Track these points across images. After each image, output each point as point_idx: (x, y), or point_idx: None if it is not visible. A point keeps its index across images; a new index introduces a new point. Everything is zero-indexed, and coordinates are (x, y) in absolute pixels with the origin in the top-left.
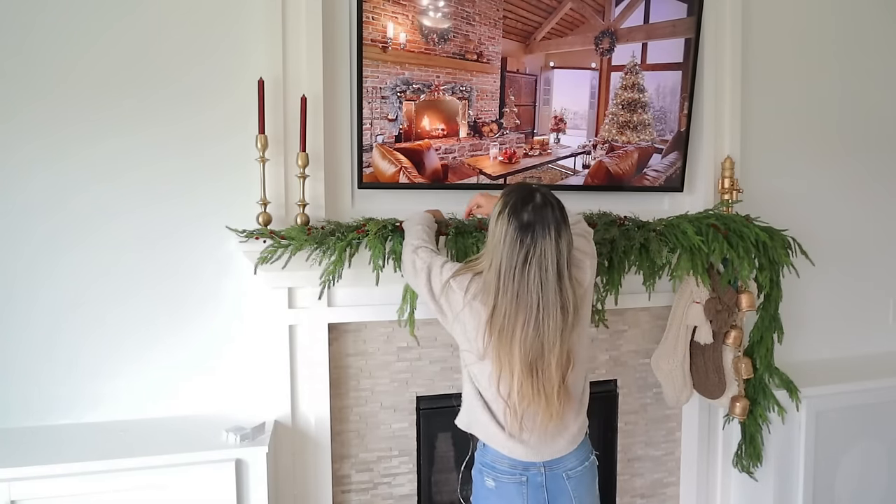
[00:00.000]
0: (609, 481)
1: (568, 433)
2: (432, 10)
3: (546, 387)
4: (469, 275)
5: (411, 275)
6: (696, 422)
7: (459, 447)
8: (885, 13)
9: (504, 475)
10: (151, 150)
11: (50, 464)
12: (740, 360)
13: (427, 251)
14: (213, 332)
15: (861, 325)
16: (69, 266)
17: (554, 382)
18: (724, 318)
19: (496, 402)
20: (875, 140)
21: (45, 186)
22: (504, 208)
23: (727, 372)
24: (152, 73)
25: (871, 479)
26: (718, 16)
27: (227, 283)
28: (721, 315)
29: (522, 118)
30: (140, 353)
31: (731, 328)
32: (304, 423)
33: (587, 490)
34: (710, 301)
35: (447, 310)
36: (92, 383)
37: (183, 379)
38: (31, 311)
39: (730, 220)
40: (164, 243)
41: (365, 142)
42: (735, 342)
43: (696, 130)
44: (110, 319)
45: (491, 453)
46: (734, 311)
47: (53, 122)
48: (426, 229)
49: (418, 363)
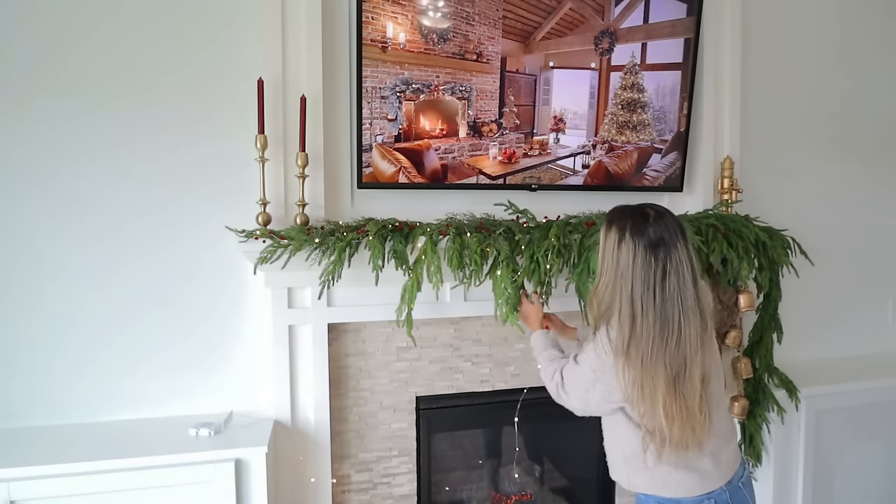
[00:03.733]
0: (609, 481)
1: (734, 448)
2: (432, 10)
3: (689, 399)
4: (603, 330)
5: (564, 397)
6: None
7: (459, 447)
8: (884, 13)
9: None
10: (151, 150)
11: (50, 464)
12: (740, 360)
13: (560, 371)
14: (212, 331)
15: (861, 325)
16: (69, 267)
17: (696, 393)
18: (723, 317)
19: (645, 430)
20: (875, 140)
21: (46, 188)
22: (623, 232)
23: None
24: (151, 73)
25: (870, 479)
26: (718, 16)
27: (227, 284)
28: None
29: (522, 118)
30: (139, 353)
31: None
32: (304, 423)
33: (753, 492)
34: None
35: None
36: (92, 384)
37: (182, 379)
38: (33, 313)
39: (729, 220)
40: (164, 244)
41: (364, 142)
42: (734, 342)
43: (695, 130)
44: (110, 320)
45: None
46: (733, 310)
47: (53, 122)
48: (549, 350)
49: (418, 363)
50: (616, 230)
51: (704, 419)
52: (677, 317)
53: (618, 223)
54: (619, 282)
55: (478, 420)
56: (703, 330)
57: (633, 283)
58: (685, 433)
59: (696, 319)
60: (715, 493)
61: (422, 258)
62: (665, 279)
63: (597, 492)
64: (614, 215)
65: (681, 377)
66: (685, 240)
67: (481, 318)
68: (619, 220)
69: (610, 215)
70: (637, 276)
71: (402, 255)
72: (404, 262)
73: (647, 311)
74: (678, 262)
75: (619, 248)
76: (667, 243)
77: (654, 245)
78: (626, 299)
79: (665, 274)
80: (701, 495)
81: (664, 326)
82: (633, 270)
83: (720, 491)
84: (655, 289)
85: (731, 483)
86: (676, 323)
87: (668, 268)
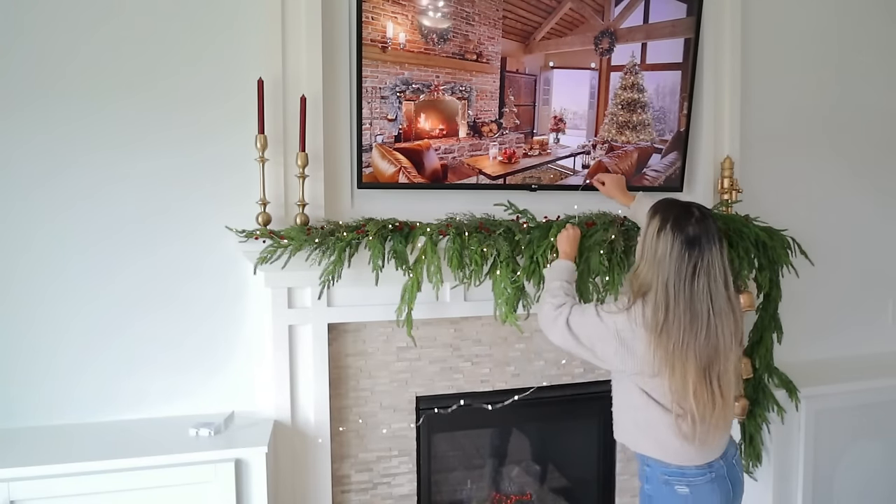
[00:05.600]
0: (609, 481)
1: (729, 426)
2: (432, 10)
3: (724, 390)
4: (640, 304)
5: (551, 327)
6: None
7: (459, 447)
8: (884, 13)
9: (696, 477)
10: (151, 151)
11: (50, 464)
12: (740, 360)
13: (571, 308)
14: (212, 332)
15: (861, 325)
16: (70, 267)
17: (731, 385)
18: None
19: (675, 414)
20: (875, 140)
21: (46, 189)
22: (665, 224)
23: None
24: (151, 73)
25: (870, 479)
26: (718, 16)
27: (227, 284)
28: None
29: (522, 118)
30: (140, 353)
31: None
32: (304, 423)
33: (742, 470)
34: None
35: (620, 341)
36: (92, 383)
37: (183, 379)
38: (34, 312)
39: (729, 220)
40: (164, 244)
41: (364, 142)
42: None
43: (695, 130)
44: (110, 320)
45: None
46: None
47: (53, 123)
48: (564, 283)
49: (418, 363)
50: (659, 220)
51: (731, 410)
52: (706, 313)
53: (662, 214)
54: (656, 268)
55: (478, 420)
56: (737, 329)
57: (669, 272)
58: (715, 417)
59: (731, 318)
60: (714, 464)
61: (422, 258)
62: (695, 277)
63: (597, 492)
64: (661, 206)
65: (713, 367)
66: (721, 246)
67: (481, 318)
68: (664, 212)
69: (657, 205)
70: (672, 268)
71: (402, 255)
72: (404, 262)
73: (678, 300)
74: (709, 264)
75: (658, 237)
76: (702, 244)
77: (690, 242)
78: (661, 286)
79: (696, 272)
80: (702, 465)
81: (694, 319)
82: (668, 261)
83: (718, 464)
84: (685, 283)
85: (727, 458)
86: (706, 318)
87: (700, 267)
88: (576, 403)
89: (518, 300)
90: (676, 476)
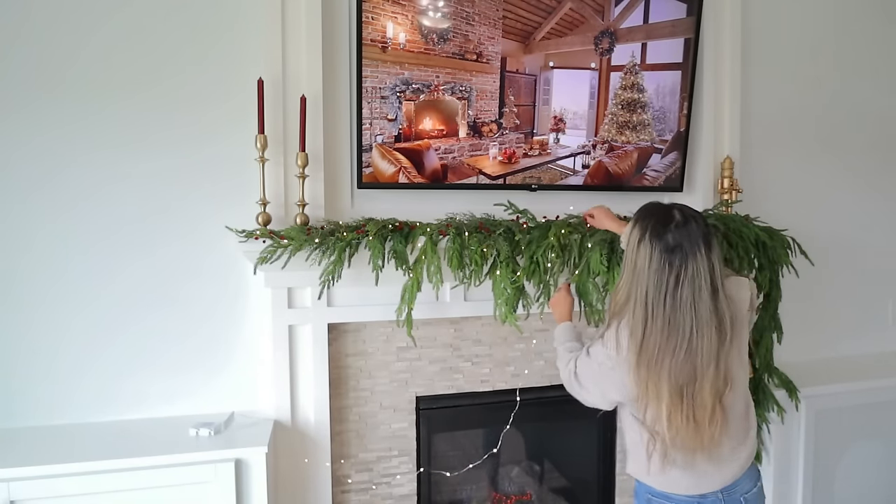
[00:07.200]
0: (609, 481)
1: (743, 456)
2: (432, 10)
3: (697, 412)
4: (614, 327)
5: (577, 389)
6: None
7: (459, 447)
8: (883, 13)
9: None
10: (151, 151)
11: (50, 464)
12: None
13: (575, 361)
14: (212, 332)
15: (861, 325)
16: (70, 267)
17: (707, 406)
18: None
19: (650, 434)
20: (874, 140)
21: (47, 189)
22: (644, 234)
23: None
24: (151, 73)
25: (870, 479)
26: (718, 16)
27: (227, 284)
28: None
29: (522, 118)
30: (140, 353)
31: None
32: (304, 423)
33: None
34: None
35: (612, 370)
36: (92, 384)
37: (183, 379)
38: (34, 312)
39: (729, 220)
40: (164, 244)
41: (364, 142)
42: None
43: (695, 130)
44: (111, 320)
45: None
46: None
47: (54, 124)
48: (570, 342)
49: (418, 363)
50: (639, 230)
51: (716, 428)
52: (688, 327)
53: (641, 223)
54: (634, 282)
55: (478, 420)
56: (720, 343)
57: (648, 286)
58: (691, 441)
59: (712, 332)
60: (708, 497)
61: (422, 258)
62: (678, 287)
63: (597, 492)
64: (641, 214)
65: (689, 388)
66: (708, 249)
67: (481, 318)
68: (643, 220)
69: (638, 213)
70: (651, 280)
71: (402, 255)
72: (404, 262)
73: (656, 316)
74: (694, 273)
75: (638, 249)
76: (685, 251)
77: (670, 251)
78: (640, 301)
79: (678, 282)
80: (693, 495)
81: (672, 335)
82: (647, 273)
83: (715, 498)
84: (667, 296)
85: (731, 493)
86: (687, 333)
87: (683, 276)
88: (576, 403)
89: (518, 300)
90: (660, 498)
